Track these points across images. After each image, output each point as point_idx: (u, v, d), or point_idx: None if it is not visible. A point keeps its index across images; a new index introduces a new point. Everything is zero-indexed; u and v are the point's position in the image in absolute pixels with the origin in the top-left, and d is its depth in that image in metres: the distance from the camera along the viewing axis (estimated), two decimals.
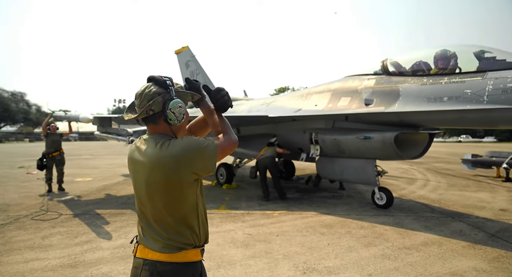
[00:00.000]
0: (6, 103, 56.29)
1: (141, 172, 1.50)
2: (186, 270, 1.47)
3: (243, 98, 11.02)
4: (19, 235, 4.76)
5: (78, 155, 21.58)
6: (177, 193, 1.46)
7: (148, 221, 1.51)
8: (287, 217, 6.01)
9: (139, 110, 1.50)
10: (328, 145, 7.13)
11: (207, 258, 3.96)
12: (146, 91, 1.51)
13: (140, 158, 1.51)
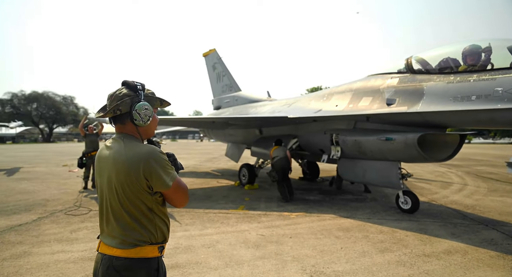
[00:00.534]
0: (58, 106, 61.85)
1: (106, 169, 1.59)
2: (140, 265, 1.52)
3: (267, 99, 11.06)
4: (51, 228, 5.21)
5: None
6: (134, 193, 1.52)
7: (108, 218, 1.58)
8: (304, 219, 5.94)
9: (112, 111, 1.60)
10: (349, 146, 6.95)
11: (216, 257, 4.06)
12: (117, 92, 1.63)
13: (107, 156, 1.59)
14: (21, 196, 7.82)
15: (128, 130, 1.65)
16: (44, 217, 5.87)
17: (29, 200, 7.30)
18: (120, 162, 1.52)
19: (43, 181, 10.25)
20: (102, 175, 1.62)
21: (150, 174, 1.51)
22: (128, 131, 1.65)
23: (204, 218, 5.96)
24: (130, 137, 1.63)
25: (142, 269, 1.52)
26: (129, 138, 1.62)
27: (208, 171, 13.41)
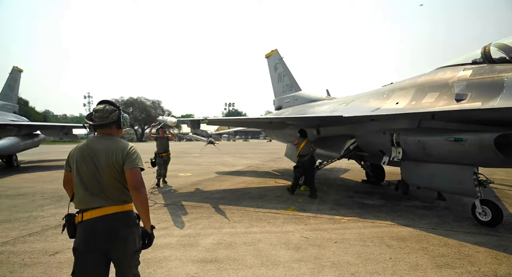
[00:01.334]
0: (148, 109, 70.67)
1: (102, 156, 2.33)
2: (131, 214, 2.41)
3: (326, 98, 10.70)
4: None
5: (191, 153, 24.93)
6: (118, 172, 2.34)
7: (104, 190, 2.31)
8: (355, 225, 5.61)
9: (103, 119, 2.42)
10: (411, 147, 6.29)
11: (254, 256, 4.15)
12: (107, 108, 2.46)
13: (102, 147, 2.36)
14: None
15: (112, 132, 2.50)
16: None
17: None
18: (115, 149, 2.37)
19: None
20: (97, 157, 2.33)
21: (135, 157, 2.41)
22: (112, 132, 2.50)
23: (252, 216, 6.11)
24: (112, 136, 2.49)
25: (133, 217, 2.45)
26: (113, 137, 2.49)
27: (269, 171, 13.62)
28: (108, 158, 2.30)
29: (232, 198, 7.87)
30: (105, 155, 2.31)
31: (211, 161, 18.89)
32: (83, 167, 2.31)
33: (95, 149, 2.34)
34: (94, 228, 2.22)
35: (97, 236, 2.20)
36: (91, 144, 2.37)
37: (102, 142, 2.39)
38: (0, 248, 4.35)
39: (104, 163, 2.29)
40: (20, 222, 5.61)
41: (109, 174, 2.29)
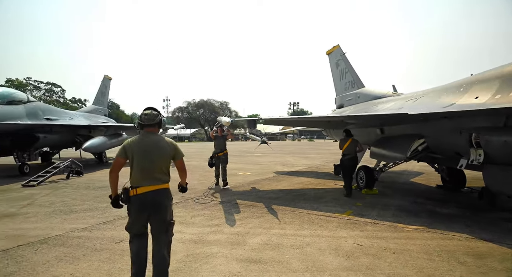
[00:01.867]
0: (217, 111, 74.80)
1: (154, 150, 3.15)
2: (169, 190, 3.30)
3: (392, 94, 9.77)
4: (180, 212, 6.40)
5: (253, 152, 25.49)
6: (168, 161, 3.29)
7: (153, 175, 3.12)
8: (421, 235, 4.99)
9: (151, 121, 3.25)
10: (496, 149, 5.35)
11: (300, 260, 3.99)
12: (153, 112, 3.32)
13: (154, 143, 3.19)
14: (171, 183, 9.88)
15: (155, 130, 3.33)
16: (179, 202, 7.26)
17: (175, 187, 9.16)
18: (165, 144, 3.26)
19: (190, 173, 12.57)
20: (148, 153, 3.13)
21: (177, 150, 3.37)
22: (155, 131, 3.32)
23: (304, 219, 5.91)
24: (156, 134, 3.32)
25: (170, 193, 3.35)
26: (157, 134, 3.32)
27: (330, 172, 13.07)
28: (160, 150, 3.17)
29: (286, 198, 7.76)
30: (157, 148, 3.17)
31: (271, 160, 19.01)
32: (140, 156, 3.10)
33: (147, 143, 3.16)
34: (148, 199, 3.07)
35: (146, 204, 3.07)
36: (144, 139, 3.19)
37: (151, 138, 3.22)
38: (80, 233, 5.01)
39: (157, 154, 3.15)
40: (99, 211, 6.39)
41: (159, 162, 3.16)
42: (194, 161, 17.99)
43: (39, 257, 4.02)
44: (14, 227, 5.32)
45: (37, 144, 12.07)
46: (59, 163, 10.93)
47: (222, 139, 9.55)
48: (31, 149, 12.21)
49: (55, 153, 16.44)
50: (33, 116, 11.83)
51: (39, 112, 12.36)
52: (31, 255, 4.07)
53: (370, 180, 8.46)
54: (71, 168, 11.21)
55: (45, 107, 13.35)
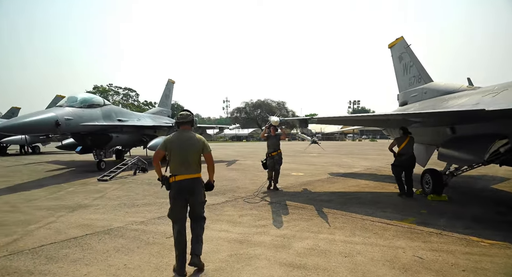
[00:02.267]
0: (274, 110, 75.25)
1: (186, 145, 3.78)
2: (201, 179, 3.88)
3: (467, 88, 8.53)
4: (229, 210, 6.49)
5: (308, 152, 24.95)
6: (199, 154, 3.83)
7: (188, 165, 3.75)
8: (500, 252, 4.24)
9: (184, 119, 3.94)
10: None
11: (348, 269, 3.70)
12: (187, 113, 4.01)
13: (187, 139, 3.82)
14: (226, 182, 10.16)
15: (189, 128, 3.97)
16: (229, 201, 7.39)
17: (228, 186, 9.39)
18: (196, 140, 3.85)
19: (244, 172, 12.85)
20: (183, 148, 3.77)
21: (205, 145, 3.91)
22: (189, 128, 3.97)
23: (357, 224, 5.50)
24: (190, 131, 3.97)
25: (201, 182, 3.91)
26: (190, 132, 3.95)
27: (390, 175, 12.03)
28: (192, 146, 3.82)
29: (339, 201, 7.34)
30: (190, 144, 3.82)
31: (327, 161, 18.34)
32: (176, 150, 3.77)
33: (182, 139, 3.84)
34: (183, 185, 3.75)
35: (183, 189, 3.75)
36: (179, 136, 3.86)
37: (185, 134, 3.89)
38: (138, 226, 5.40)
39: (190, 148, 3.80)
40: (156, 206, 6.84)
41: (192, 155, 3.79)
42: (249, 161, 18.28)
43: (101, 246, 4.42)
44: (86, 217, 5.97)
45: (111, 143, 13.52)
46: (128, 161, 12.07)
47: (275, 138, 9.19)
48: (106, 147, 13.73)
49: (126, 151, 18.24)
50: (107, 118, 13.30)
51: (113, 114, 13.85)
52: (95, 244, 4.50)
53: (438, 185, 7.53)
54: (138, 165, 12.29)
55: (118, 109, 14.88)
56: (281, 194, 8.31)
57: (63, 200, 7.46)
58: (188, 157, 3.75)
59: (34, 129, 10.76)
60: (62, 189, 8.97)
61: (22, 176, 11.76)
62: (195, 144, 3.82)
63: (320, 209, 6.54)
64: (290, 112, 78.03)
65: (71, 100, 12.10)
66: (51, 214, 6.18)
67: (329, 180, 10.69)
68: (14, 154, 24.48)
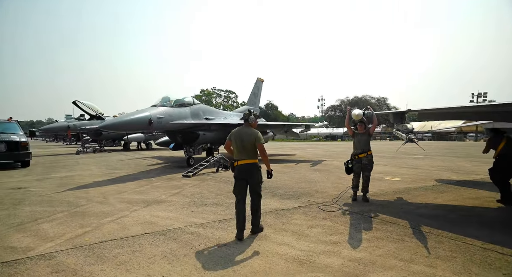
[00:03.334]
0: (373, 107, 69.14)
1: (245, 137, 4.73)
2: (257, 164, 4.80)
3: None
4: (298, 219, 5.59)
5: (411, 154, 21.52)
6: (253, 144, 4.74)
7: (246, 152, 4.72)
8: None
9: (245, 117, 4.98)
10: None
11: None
12: (247, 112, 5.01)
13: (245, 132, 4.80)
14: (304, 184, 9.23)
15: (249, 125, 4.93)
16: (301, 207, 6.47)
17: (305, 189, 8.44)
18: (251, 134, 4.76)
19: (327, 173, 11.58)
20: (242, 139, 4.73)
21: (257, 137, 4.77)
22: (249, 126, 4.93)
23: (475, 256, 3.86)
24: (250, 127, 4.92)
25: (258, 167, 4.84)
26: (250, 127, 4.92)
27: None
28: (248, 137, 4.74)
29: (447, 219, 5.55)
30: (246, 135, 4.75)
31: (435, 164, 15.26)
32: (237, 140, 4.76)
33: (242, 132, 4.83)
34: (242, 168, 4.72)
35: (243, 172, 4.73)
36: (240, 130, 4.89)
37: (245, 129, 4.89)
38: (196, 228, 5.05)
39: (247, 139, 4.72)
40: (223, 207, 6.48)
41: (248, 145, 4.71)
42: (337, 161, 16.71)
43: (151, 249, 4.17)
44: (154, 213, 6.02)
45: (198, 140, 14.19)
46: (210, 158, 12.37)
47: (364, 136, 7.20)
48: (195, 144, 14.50)
49: (216, 148, 19.10)
50: (195, 116, 14.02)
51: (200, 112, 14.55)
52: (146, 246, 4.29)
53: None
54: (220, 162, 12.48)
55: (205, 108, 15.59)
56: (366, 202, 6.90)
57: (144, 194, 7.88)
58: (245, 146, 4.72)
59: (131, 127, 12.01)
60: (150, 183, 9.64)
61: (128, 169, 13.37)
62: (250, 136, 4.75)
63: (417, 227, 5.01)
64: (392, 109, 70.46)
65: (164, 100, 13.19)
66: (128, 207, 6.48)
67: (435, 189, 8.52)
68: (134, 150, 28.83)
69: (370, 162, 7.12)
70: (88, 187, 8.90)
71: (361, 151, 7.19)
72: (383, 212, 5.96)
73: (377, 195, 7.67)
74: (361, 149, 7.20)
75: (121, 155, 22.16)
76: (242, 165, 4.73)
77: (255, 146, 4.74)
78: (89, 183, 9.61)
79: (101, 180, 10.34)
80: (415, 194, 7.69)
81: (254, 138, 4.73)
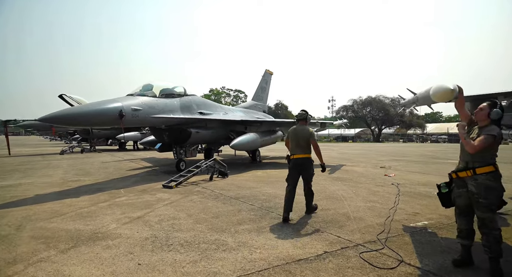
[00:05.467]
0: (387, 108, 65.56)
1: (299, 134, 5.60)
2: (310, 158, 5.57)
3: None
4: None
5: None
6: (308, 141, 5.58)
7: (300, 148, 5.53)
8: None
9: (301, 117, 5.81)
10: None
11: None
12: (303, 112, 5.86)
13: (300, 130, 5.67)
14: (326, 203, 6.54)
15: (304, 123, 5.80)
16: (329, 253, 3.81)
17: (329, 212, 5.76)
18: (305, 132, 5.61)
19: (355, 185, 8.84)
20: (298, 136, 5.59)
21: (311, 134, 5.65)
22: (304, 124, 5.79)
23: None
24: (305, 126, 5.76)
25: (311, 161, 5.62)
26: (305, 126, 5.75)
27: None
28: (303, 134, 5.55)
29: None
30: (302, 133, 5.56)
31: None
32: (293, 137, 5.60)
33: (298, 130, 5.63)
34: (296, 161, 5.49)
35: (297, 164, 5.49)
36: (296, 128, 5.71)
37: (300, 127, 5.69)
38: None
39: (301, 136, 5.54)
40: (197, 253, 3.90)
41: (302, 141, 5.50)
42: (359, 167, 13.88)
43: None
44: (71, 269, 3.44)
45: (190, 140, 11.56)
46: (202, 163, 9.75)
47: None
48: (186, 144, 11.90)
49: (216, 149, 16.49)
50: (186, 110, 11.30)
51: (193, 105, 11.76)
52: None
53: None
54: (215, 168, 9.87)
55: (200, 101, 12.72)
56: (438, 242, 4.16)
57: (88, 219, 5.31)
58: (299, 142, 5.50)
59: (90, 121, 8.64)
60: (112, 198, 7.09)
61: (101, 175, 10.80)
62: (304, 134, 5.53)
63: None
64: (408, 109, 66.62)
65: (145, 88, 10.37)
66: (35, 252, 3.88)
67: None
68: (130, 150, 26.42)
69: (486, 190, 3.26)
70: (17, 205, 6.37)
71: (465, 167, 3.49)
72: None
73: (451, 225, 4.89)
74: (465, 162, 3.50)
75: (109, 156, 19.70)
76: (297, 159, 5.45)
77: (309, 142, 5.50)
78: (28, 198, 7.10)
79: (50, 192, 7.82)
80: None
81: (309, 135, 5.52)
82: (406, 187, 8.51)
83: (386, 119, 66.08)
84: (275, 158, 19.05)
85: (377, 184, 9.05)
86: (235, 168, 12.95)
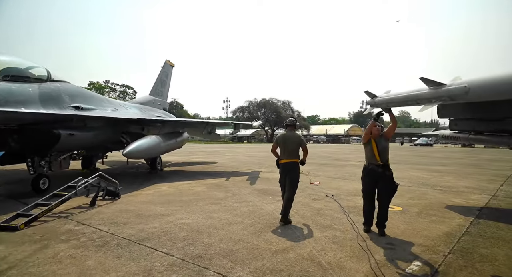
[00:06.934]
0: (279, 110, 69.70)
1: (290, 139, 5.71)
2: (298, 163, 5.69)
3: None
4: None
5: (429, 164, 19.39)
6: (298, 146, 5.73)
7: (289, 152, 5.63)
8: None
9: (292, 124, 5.90)
10: None
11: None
12: (292, 119, 6.03)
13: (290, 136, 5.77)
14: (274, 234, 4.69)
15: (293, 129, 5.92)
16: None
17: (289, 255, 3.91)
18: (296, 137, 5.82)
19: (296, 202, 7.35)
20: (288, 142, 5.68)
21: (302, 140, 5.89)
22: (293, 129, 5.92)
23: None
24: (294, 132, 5.93)
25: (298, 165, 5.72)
26: (294, 132, 5.92)
27: None
28: (294, 139, 5.70)
29: None
30: (292, 139, 5.70)
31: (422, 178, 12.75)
32: (283, 143, 5.68)
33: (287, 136, 5.73)
34: (285, 166, 5.63)
35: (285, 168, 5.63)
36: (286, 134, 5.81)
37: (291, 134, 5.79)
38: None
39: (291, 142, 5.66)
40: None
41: (292, 146, 5.63)
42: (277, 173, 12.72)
43: None
44: None
45: (58, 146, 7.87)
46: (78, 180, 6.50)
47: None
48: (52, 152, 8.16)
49: (101, 157, 12.70)
50: (51, 102, 7.57)
51: (63, 96, 7.96)
52: None
53: None
54: (99, 186, 6.78)
55: (75, 90, 8.78)
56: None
57: None
58: (289, 148, 5.61)
59: None
60: None
61: None
62: (295, 140, 5.71)
63: None
64: (295, 112, 72.70)
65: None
66: None
67: None
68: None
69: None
70: None
71: None
72: None
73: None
74: None
75: None
76: (287, 163, 5.62)
77: (297, 148, 5.69)
78: None
79: None
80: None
81: (300, 140, 5.76)
82: (343, 200, 7.52)
83: (278, 120, 70.31)
84: (179, 164, 16.27)
85: (312, 197, 7.82)
86: (129, 181, 9.83)
